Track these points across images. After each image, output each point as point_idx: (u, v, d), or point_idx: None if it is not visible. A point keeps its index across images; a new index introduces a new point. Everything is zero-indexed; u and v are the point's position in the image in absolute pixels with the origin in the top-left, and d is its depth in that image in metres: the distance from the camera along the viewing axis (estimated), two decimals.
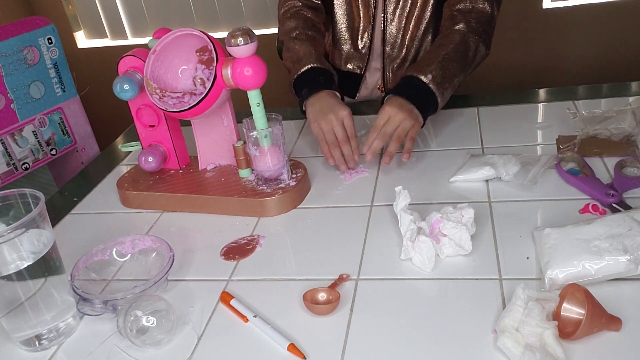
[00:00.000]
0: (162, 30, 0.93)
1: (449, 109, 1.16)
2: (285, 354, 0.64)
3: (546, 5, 2.06)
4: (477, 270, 0.72)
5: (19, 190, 0.70)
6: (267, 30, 2.14)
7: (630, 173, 0.86)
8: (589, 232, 0.69)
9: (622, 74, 2.05)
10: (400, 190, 0.79)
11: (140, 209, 0.99)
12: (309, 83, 1.04)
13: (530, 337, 0.58)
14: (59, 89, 1.48)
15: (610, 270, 0.65)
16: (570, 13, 2.05)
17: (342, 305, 0.70)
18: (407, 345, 0.63)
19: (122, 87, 0.92)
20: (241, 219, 0.91)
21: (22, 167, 1.42)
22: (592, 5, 2.01)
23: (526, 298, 0.61)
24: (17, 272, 0.65)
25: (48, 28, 1.44)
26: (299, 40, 1.11)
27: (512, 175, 0.88)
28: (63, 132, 1.51)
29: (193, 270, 0.81)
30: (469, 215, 0.76)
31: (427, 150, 1.04)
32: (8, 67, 1.35)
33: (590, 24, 2.04)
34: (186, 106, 0.87)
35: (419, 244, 0.73)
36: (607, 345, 0.59)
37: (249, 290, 0.75)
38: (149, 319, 0.66)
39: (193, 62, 0.92)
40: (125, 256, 0.82)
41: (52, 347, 0.71)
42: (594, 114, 0.96)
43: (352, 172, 0.99)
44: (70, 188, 1.11)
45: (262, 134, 0.90)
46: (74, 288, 0.73)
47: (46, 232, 0.69)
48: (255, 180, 0.95)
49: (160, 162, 1.01)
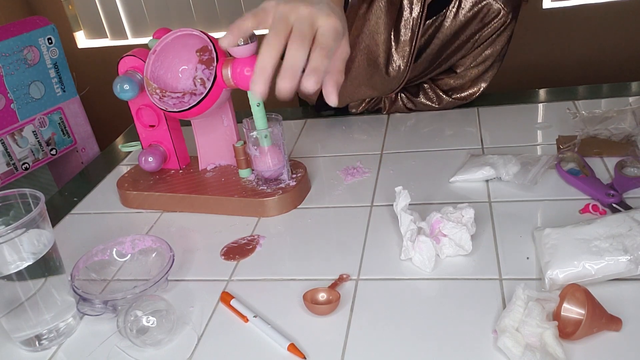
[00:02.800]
0: (162, 30, 0.93)
1: (449, 109, 1.16)
2: (285, 354, 0.64)
3: (546, 5, 2.06)
4: (477, 270, 0.72)
5: (19, 190, 0.70)
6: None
7: (631, 173, 0.86)
8: (589, 232, 0.69)
9: (622, 74, 2.05)
10: (400, 190, 0.79)
11: (140, 209, 0.99)
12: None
13: (530, 337, 0.58)
14: (59, 89, 1.48)
15: (611, 270, 0.65)
16: (570, 13, 2.05)
17: (342, 305, 0.70)
18: (407, 345, 0.63)
19: (122, 87, 0.92)
20: (241, 219, 0.91)
21: (22, 167, 1.42)
22: (592, 5, 2.01)
23: (526, 298, 0.61)
24: (17, 272, 0.65)
25: (48, 28, 1.44)
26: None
27: (512, 175, 0.88)
28: (63, 132, 1.51)
29: (193, 270, 0.81)
30: (469, 215, 0.76)
31: (427, 150, 1.04)
32: (8, 67, 1.35)
33: (590, 24, 2.04)
34: (186, 106, 0.87)
35: (419, 244, 0.73)
36: (607, 345, 0.59)
37: (249, 290, 0.75)
38: (149, 319, 0.66)
39: (193, 62, 0.93)
40: (125, 256, 0.82)
41: (52, 347, 0.71)
42: (594, 114, 0.96)
43: (353, 172, 0.99)
44: (70, 188, 1.11)
45: (262, 134, 0.90)
46: (74, 288, 0.73)
47: (46, 232, 0.69)
48: (255, 180, 0.95)
49: (160, 162, 1.01)
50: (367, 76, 1.06)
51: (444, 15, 1.07)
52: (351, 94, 1.10)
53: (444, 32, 1.09)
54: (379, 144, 1.08)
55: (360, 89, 1.09)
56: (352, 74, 1.07)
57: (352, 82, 1.08)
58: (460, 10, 1.07)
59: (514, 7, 1.07)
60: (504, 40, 1.10)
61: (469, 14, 1.07)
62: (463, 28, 1.08)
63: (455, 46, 1.10)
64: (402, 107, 1.17)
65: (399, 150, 1.05)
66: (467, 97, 1.15)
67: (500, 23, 1.06)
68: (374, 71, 1.06)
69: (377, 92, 1.11)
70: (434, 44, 1.10)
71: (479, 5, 1.06)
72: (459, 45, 1.10)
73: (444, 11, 1.07)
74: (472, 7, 1.07)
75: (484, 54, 1.11)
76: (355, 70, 1.06)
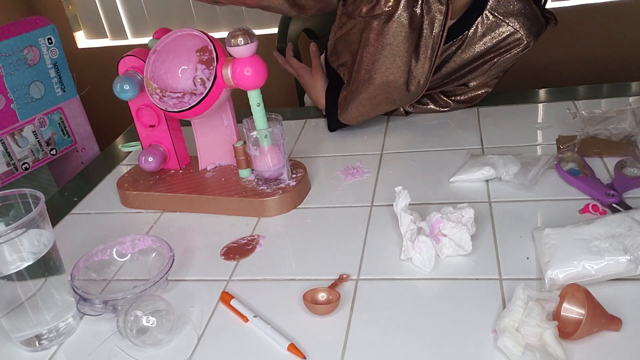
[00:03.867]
0: (162, 30, 0.93)
1: (449, 109, 1.16)
2: (285, 354, 0.64)
3: (547, 5, 2.06)
4: (477, 270, 0.72)
5: (19, 190, 0.70)
6: (267, 30, 2.14)
7: (630, 173, 0.86)
8: (589, 232, 0.69)
9: (622, 74, 2.05)
10: (400, 190, 0.79)
11: (140, 209, 0.99)
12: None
13: (530, 337, 0.58)
14: (59, 89, 1.48)
15: (610, 270, 0.65)
16: (570, 13, 2.05)
17: (342, 305, 0.70)
18: (407, 345, 0.63)
19: (122, 87, 0.92)
20: (241, 219, 0.91)
21: (22, 167, 1.42)
22: (592, 5, 2.01)
23: (526, 298, 0.61)
24: (17, 272, 0.65)
25: (48, 28, 1.43)
26: None
27: (512, 175, 0.88)
28: (63, 132, 1.51)
29: (193, 270, 0.81)
30: (469, 215, 0.76)
31: (427, 150, 1.04)
32: (8, 67, 1.35)
33: (590, 24, 2.04)
34: (186, 106, 0.87)
35: (419, 244, 0.73)
36: (607, 345, 0.59)
37: (249, 290, 0.75)
38: (149, 319, 0.66)
39: (193, 62, 0.92)
40: (125, 256, 0.82)
41: (52, 347, 0.71)
42: (594, 114, 0.96)
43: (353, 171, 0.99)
44: (70, 188, 1.11)
45: (262, 134, 0.90)
46: (74, 288, 0.73)
47: (46, 232, 0.69)
48: (255, 180, 0.95)
49: (160, 162, 1.01)
50: (387, 94, 1.06)
51: (462, 40, 1.06)
52: (369, 113, 1.10)
53: (462, 56, 1.08)
54: (379, 144, 1.08)
55: (379, 106, 1.09)
56: (372, 94, 1.06)
57: (370, 101, 1.07)
58: (481, 36, 1.06)
59: (536, 35, 1.05)
60: (518, 59, 1.09)
61: (490, 42, 1.05)
62: (483, 54, 1.07)
63: (472, 67, 1.09)
64: (400, 112, 1.16)
65: (399, 150, 1.05)
66: (470, 100, 1.15)
67: (521, 49, 1.05)
68: (395, 89, 1.05)
69: (395, 106, 1.11)
70: (449, 65, 1.09)
71: (501, 35, 1.04)
72: (476, 66, 1.09)
73: (463, 35, 1.06)
74: (493, 35, 1.05)
75: (499, 74, 1.11)
76: (375, 90, 1.06)
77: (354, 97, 1.08)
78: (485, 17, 1.04)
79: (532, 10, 1.05)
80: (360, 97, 1.07)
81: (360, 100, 1.07)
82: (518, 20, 1.03)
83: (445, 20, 1.00)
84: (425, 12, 1.01)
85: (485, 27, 1.05)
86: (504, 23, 1.04)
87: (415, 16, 1.00)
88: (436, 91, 1.16)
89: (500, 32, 1.05)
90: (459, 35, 1.06)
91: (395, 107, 1.12)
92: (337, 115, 1.11)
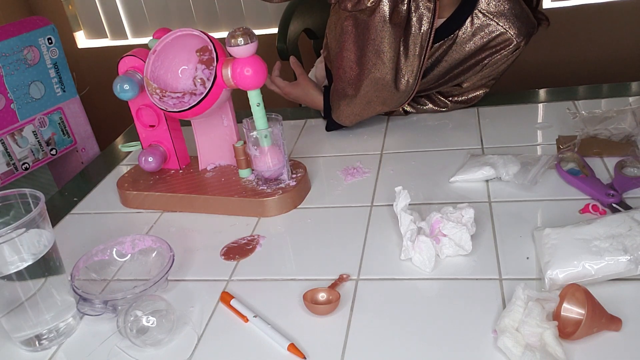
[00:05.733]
0: (162, 30, 0.93)
1: (447, 109, 1.16)
2: (285, 354, 0.64)
3: (546, 5, 2.06)
4: (477, 270, 0.72)
5: (19, 190, 0.70)
6: (267, 30, 2.14)
7: (630, 173, 0.86)
8: (589, 232, 0.69)
9: (622, 74, 2.05)
10: (400, 190, 0.79)
11: (140, 209, 0.99)
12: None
13: (530, 337, 0.58)
14: (59, 89, 1.48)
15: (610, 270, 0.65)
16: (570, 13, 2.05)
17: (342, 305, 0.70)
18: (407, 345, 0.63)
19: (122, 87, 0.92)
20: (241, 219, 0.91)
21: (22, 167, 1.42)
22: (592, 5, 2.01)
23: (526, 298, 0.61)
24: (17, 272, 0.65)
25: (48, 28, 1.43)
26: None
27: (512, 175, 0.88)
28: (63, 132, 1.51)
29: (193, 270, 0.81)
30: (469, 215, 0.76)
31: (427, 150, 1.04)
32: (8, 67, 1.35)
33: (590, 24, 2.04)
34: (186, 106, 0.87)
35: (419, 244, 0.73)
36: (607, 345, 0.59)
37: (249, 290, 0.75)
38: (149, 319, 0.66)
39: (193, 62, 0.92)
40: (125, 256, 0.82)
41: (52, 347, 0.71)
42: (594, 114, 0.95)
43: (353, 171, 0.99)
44: (70, 188, 1.11)
45: (262, 134, 0.90)
46: (74, 288, 0.73)
47: (46, 232, 0.69)
48: (255, 180, 0.95)
49: (160, 162, 1.01)
50: (376, 92, 1.06)
51: (452, 40, 1.06)
52: (361, 112, 1.10)
53: (453, 56, 1.08)
54: (379, 144, 1.08)
55: (371, 105, 1.09)
56: (361, 92, 1.07)
57: (361, 99, 1.08)
58: (471, 36, 1.06)
59: (526, 36, 1.05)
60: (512, 61, 1.09)
61: (480, 41, 1.05)
62: (474, 54, 1.07)
63: (464, 67, 1.09)
64: (399, 112, 1.16)
65: (399, 150, 1.05)
66: (467, 101, 1.15)
67: (512, 50, 1.05)
68: (383, 87, 1.06)
69: (387, 107, 1.11)
70: (441, 66, 1.09)
71: (491, 34, 1.05)
72: (468, 66, 1.09)
73: (454, 35, 1.06)
74: (482, 35, 1.05)
75: (492, 74, 1.11)
76: (364, 88, 1.06)
77: (344, 95, 1.09)
78: (475, 16, 1.04)
79: (523, 10, 1.05)
80: (350, 95, 1.08)
81: (351, 97, 1.08)
82: (508, 20, 1.03)
83: (433, 17, 1.01)
84: (413, 9, 1.01)
85: (475, 26, 1.05)
86: (493, 23, 1.04)
87: (399, 12, 1.01)
88: (433, 92, 1.16)
89: (490, 32, 1.05)
90: (450, 35, 1.06)
91: (388, 108, 1.12)
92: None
